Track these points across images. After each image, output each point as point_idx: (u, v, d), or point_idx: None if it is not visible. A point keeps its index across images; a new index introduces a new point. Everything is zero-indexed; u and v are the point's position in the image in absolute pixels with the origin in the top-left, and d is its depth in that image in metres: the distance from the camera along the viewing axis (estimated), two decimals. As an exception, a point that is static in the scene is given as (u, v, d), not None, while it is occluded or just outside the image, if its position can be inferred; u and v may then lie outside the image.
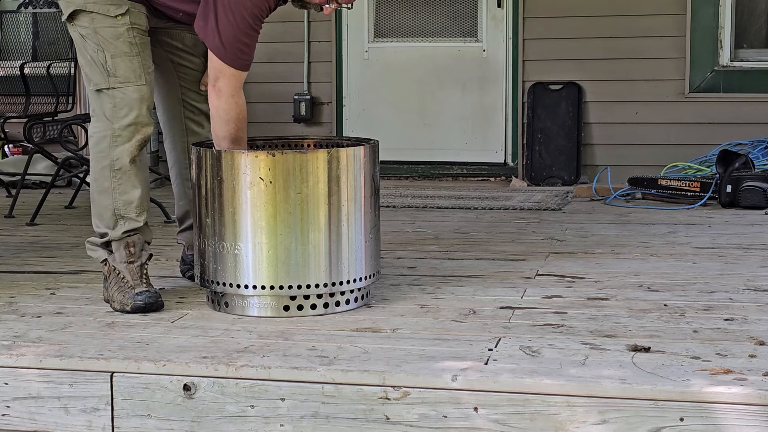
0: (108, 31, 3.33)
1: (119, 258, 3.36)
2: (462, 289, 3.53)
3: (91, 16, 3.35)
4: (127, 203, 3.36)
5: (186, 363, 2.68)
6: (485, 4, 6.95)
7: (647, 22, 6.62)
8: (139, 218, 3.38)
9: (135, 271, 3.33)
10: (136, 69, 3.34)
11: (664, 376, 2.50)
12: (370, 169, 3.26)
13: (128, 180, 3.35)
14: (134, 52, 3.35)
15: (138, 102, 3.33)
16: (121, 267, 3.34)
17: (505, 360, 2.67)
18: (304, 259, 3.14)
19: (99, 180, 3.38)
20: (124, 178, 3.35)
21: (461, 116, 7.04)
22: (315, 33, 7.14)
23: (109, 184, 3.36)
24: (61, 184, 6.41)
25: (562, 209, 5.54)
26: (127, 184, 3.36)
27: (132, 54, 3.34)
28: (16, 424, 2.74)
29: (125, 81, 3.33)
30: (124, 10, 3.34)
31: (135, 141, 3.33)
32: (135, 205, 3.37)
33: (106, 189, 3.37)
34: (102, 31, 3.34)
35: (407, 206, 5.69)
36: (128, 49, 3.34)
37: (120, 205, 3.36)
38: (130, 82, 3.33)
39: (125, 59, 3.34)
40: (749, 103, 6.52)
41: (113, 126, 3.33)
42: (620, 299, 3.36)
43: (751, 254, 4.14)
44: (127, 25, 3.34)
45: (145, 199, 3.40)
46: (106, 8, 3.34)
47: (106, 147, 3.35)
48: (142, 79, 3.35)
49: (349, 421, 2.56)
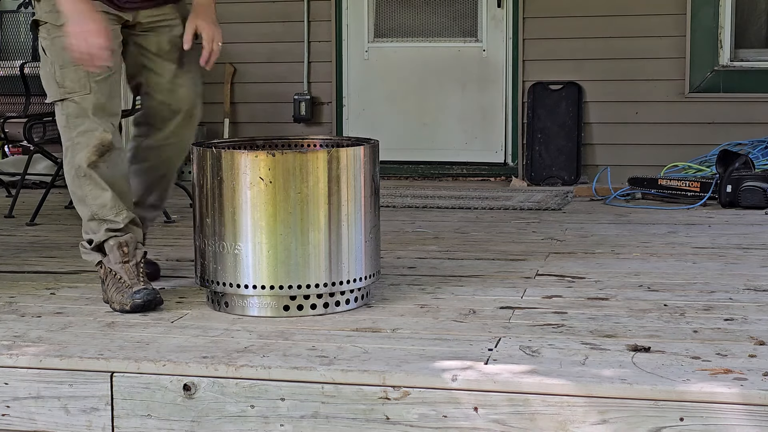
0: (59, 41, 3.33)
1: (114, 259, 3.36)
2: (462, 289, 3.53)
3: (46, 28, 3.37)
4: (101, 206, 3.38)
5: (186, 363, 2.68)
6: (485, 4, 6.96)
7: (647, 22, 6.62)
8: (117, 218, 3.38)
9: (131, 271, 3.34)
10: (81, 78, 3.34)
11: (664, 376, 2.50)
12: (370, 169, 3.26)
13: (94, 184, 3.37)
14: None
15: (88, 111, 3.34)
16: (116, 268, 3.34)
17: (505, 360, 2.67)
18: (304, 259, 3.14)
19: (73, 190, 3.43)
20: (90, 183, 3.37)
21: (461, 116, 7.05)
22: (315, 33, 7.14)
23: (81, 192, 3.40)
24: (61, 184, 6.36)
25: (562, 209, 5.54)
26: (95, 188, 3.37)
27: (77, 63, 3.31)
28: (16, 424, 2.74)
29: (71, 91, 3.35)
30: None
31: (92, 147, 3.34)
32: (109, 206, 3.38)
33: (81, 197, 3.41)
34: (56, 41, 3.34)
35: (407, 206, 5.69)
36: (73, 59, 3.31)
37: (96, 210, 3.39)
38: (76, 92, 3.34)
39: (71, 69, 3.33)
40: (749, 103, 6.53)
41: (71, 136, 3.37)
42: (620, 299, 3.36)
43: (751, 254, 4.14)
44: None
45: (118, 200, 3.39)
46: (55, 17, 3.33)
47: (71, 157, 3.39)
48: (87, 88, 3.34)
49: (349, 421, 2.56)
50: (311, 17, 7.11)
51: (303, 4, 7.10)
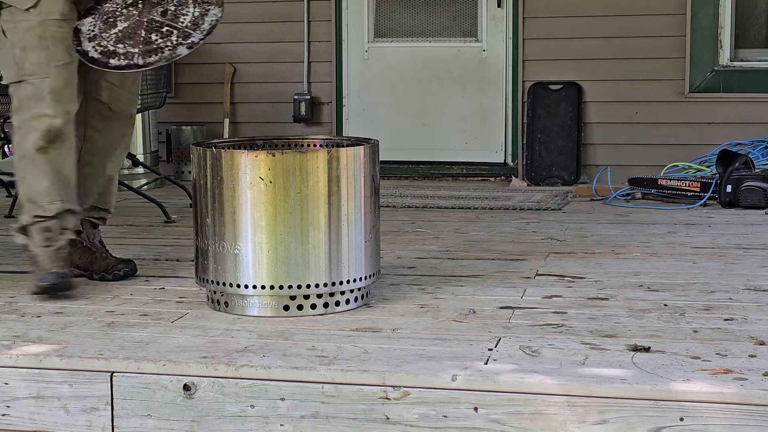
0: (22, 24, 3.36)
1: (37, 242, 3.39)
2: (462, 289, 3.53)
3: (10, 11, 3.39)
4: (37, 192, 3.41)
5: (186, 363, 2.68)
6: (485, 4, 6.95)
7: (647, 22, 6.62)
8: (49, 206, 3.41)
9: (50, 255, 3.36)
10: (42, 62, 3.37)
11: (664, 376, 2.50)
12: (370, 169, 3.26)
13: (36, 169, 3.39)
14: (42, 45, 3.36)
15: (43, 94, 3.36)
16: (37, 251, 3.38)
17: (505, 360, 2.67)
18: (304, 259, 3.14)
19: (17, 171, 3.45)
20: (32, 167, 3.39)
21: (461, 116, 7.05)
22: (315, 33, 7.14)
23: (22, 173, 3.42)
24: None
25: (562, 209, 5.54)
26: (36, 172, 3.39)
27: (40, 48, 3.35)
28: (16, 424, 2.74)
29: (30, 74, 3.37)
30: (35, 2, 3.35)
31: (40, 132, 3.37)
32: (45, 193, 3.40)
33: (21, 178, 3.44)
34: (19, 24, 3.37)
35: (407, 206, 5.69)
36: (36, 43, 3.35)
37: (30, 193, 3.41)
38: (35, 74, 3.37)
39: (32, 53, 3.36)
40: (749, 103, 6.52)
41: (20, 118, 3.40)
42: (620, 299, 3.36)
43: (751, 254, 4.14)
44: (39, 18, 3.36)
45: (55, 189, 3.40)
46: (20, 1, 3.36)
47: (20, 139, 3.41)
48: (46, 72, 3.36)
49: (349, 421, 2.56)
50: (311, 17, 7.11)
51: (303, 4, 7.10)
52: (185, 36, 3.30)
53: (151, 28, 3.34)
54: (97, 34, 3.37)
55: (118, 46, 3.33)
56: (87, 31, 3.39)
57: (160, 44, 3.29)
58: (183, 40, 3.29)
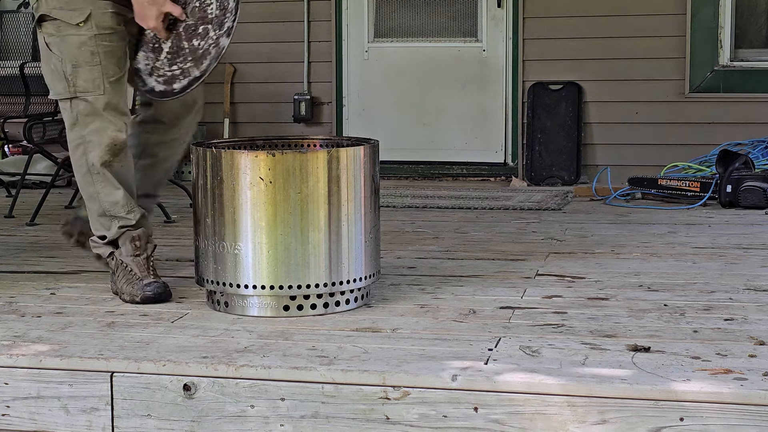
0: (72, 39, 3.34)
1: (126, 252, 3.43)
2: (462, 289, 3.53)
3: (56, 24, 3.36)
4: (113, 204, 3.42)
5: (186, 363, 2.68)
6: (485, 4, 6.96)
7: (647, 22, 6.62)
8: (129, 215, 3.44)
9: (142, 264, 3.42)
10: (96, 78, 3.35)
11: (664, 376, 2.50)
12: (370, 169, 3.26)
13: (107, 182, 3.40)
14: (95, 61, 3.35)
15: (100, 110, 3.35)
16: (128, 260, 3.42)
17: (505, 360, 2.67)
18: (304, 259, 3.14)
19: (84, 187, 3.46)
20: (103, 181, 3.40)
21: (461, 116, 7.05)
22: (315, 33, 7.15)
23: (93, 189, 3.43)
24: (61, 184, 6.41)
25: (562, 209, 5.54)
26: (108, 185, 3.41)
27: (93, 63, 3.34)
28: (16, 424, 2.74)
29: (84, 91, 3.35)
30: (86, 16, 3.33)
31: (105, 146, 3.37)
32: (121, 204, 3.42)
33: (92, 194, 3.44)
34: (67, 39, 3.34)
35: (407, 206, 5.69)
36: (89, 59, 3.34)
37: (107, 207, 3.43)
38: (89, 92, 3.35)
39: (86, 69, 3.34)
40: (749, 103, 6.53)
41: (82, 134, 3.39)
42: (620, 299, 3.36)
43: (751, 254, 4.14)
44: (91, 33, 3.34)
45: (130, 199, 3.44)
46: (69, 15, 3.33)
47: (81, 154, 3.41)
48: (101, 89, 3.36)
49: (349, 421, 2.56)
50: (311, 17, 7.11)
51: (303, 4, 7.10)
52: (220, 25, 3.29)
53: (190, 35, 3.32)
54: (153, 65, 3.39)
55: (173, 69, 3.34)
56: (144, 68, 3.41)
57: (204, 46, 3.29)
58: (219, 30, 3.28)
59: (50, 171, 6.12)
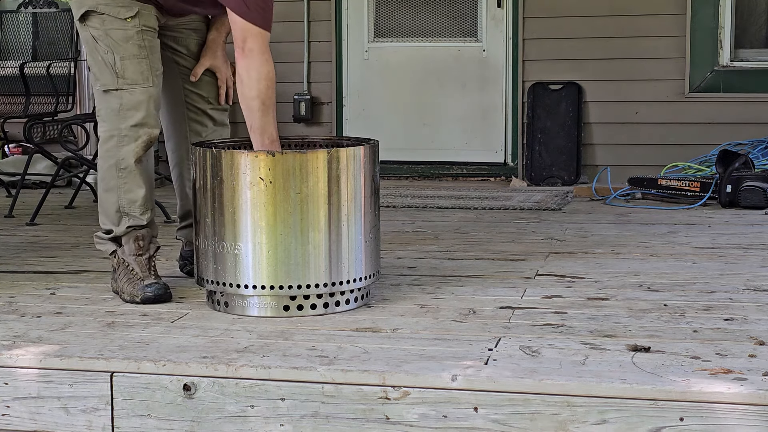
0: (118, 33, 3.39)
1: (128, 251, 3.44)
2: (462, 289, 3.53)
3: (102, 18, 3.40)
4: (131, 202, 3.44)
5: (186, 363, 2.68)
6: (485, 4, 6.95)
7: (647, 22, 6.62)
8: (142, 216, 3.46)
9: (143, 264, 3.43)
10: (144, 71, 3.40)
11: (664, 376, 2.50)
12: (370, 169, 3.26)
13: (133, 179, 3.42)
14: (143, 54, 3.40)
15: (145, 103, 3.39)
16: (130, 259, 3.43)
17: (505, 360, 2.67)
18: (304, 259, 3.14)
19: (106, 179, 3.46)
20: (129, 177, 3.42)
21: (461, 116, 7.05)
22: (315, 33, 7.14)
23: (115, 182, 3.44)
24: (61, 184, 6.41)
25: (562, 209, 5.54)
26: (132, 183, 3.43)
27: (141, 56, 3.40)
28: (16, 424, 2.74)
29: (133, 83, 3.39)
30: (134, 13, 3.40)
31: (141, 141, 3.40)
32: (139, 203, 3.44)
33: (112, 187, 3.45)
34: (112, 33, 3.39)
35: (407, 206, 5.69)
36: (137, 52, 3.40)
37: (124, 203, 3.44)
38: (138, 84, 3.39)
39: (134, 61, 3.39)
40: (749, 103, 6.52)
41: (120, 126, 3.40)
42: (620, 299, 3.36)
43: (751, 254, 4.14)
44: (137, 28, 3.40)
45: (149, 199, 3.47)
46: (117, 11, 3.39)
47: (113, 146, 3.42)
48: (150, 81, 3.41)
49: (349, 421, 2.56)
50: (311, 17, 7.11)
51: (303, 4, 7.10)
52: None
53: None
54: None
55: None
56: None
57: None
58: None
59: (50, 171, 6.12)
